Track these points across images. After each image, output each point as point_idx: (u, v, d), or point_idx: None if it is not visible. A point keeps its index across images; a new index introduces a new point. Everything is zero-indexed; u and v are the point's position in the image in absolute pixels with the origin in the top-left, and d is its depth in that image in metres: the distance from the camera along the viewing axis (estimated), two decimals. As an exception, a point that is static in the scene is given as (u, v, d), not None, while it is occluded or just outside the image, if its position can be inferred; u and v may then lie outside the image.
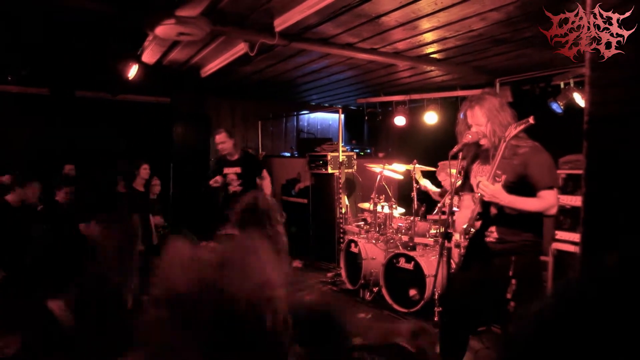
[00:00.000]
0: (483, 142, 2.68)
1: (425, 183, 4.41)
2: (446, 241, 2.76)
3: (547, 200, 2.42)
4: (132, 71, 5.27)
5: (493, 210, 2.60)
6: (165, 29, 4.13)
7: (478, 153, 2.81)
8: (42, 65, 6.13)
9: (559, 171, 4.07)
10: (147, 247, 5.11)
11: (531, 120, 2.40)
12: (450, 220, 2.77)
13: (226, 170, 5.25)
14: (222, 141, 5.23)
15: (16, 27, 4.64)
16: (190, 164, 7.30)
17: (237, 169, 5.19)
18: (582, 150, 1.85)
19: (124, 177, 5.36)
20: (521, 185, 2.49)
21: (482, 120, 2.65)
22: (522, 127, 2.43)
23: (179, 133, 7.46)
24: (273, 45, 4.50)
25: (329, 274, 6.00)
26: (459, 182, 2.98)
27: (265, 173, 5.35)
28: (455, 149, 2.73)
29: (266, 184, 5.29)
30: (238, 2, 3.82)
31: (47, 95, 6.76)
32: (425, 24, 4.18)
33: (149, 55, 5.20)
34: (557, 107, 5.50)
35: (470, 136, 2.68)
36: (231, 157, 5.29)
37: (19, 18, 4.37)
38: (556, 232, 4.17)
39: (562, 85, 5.55)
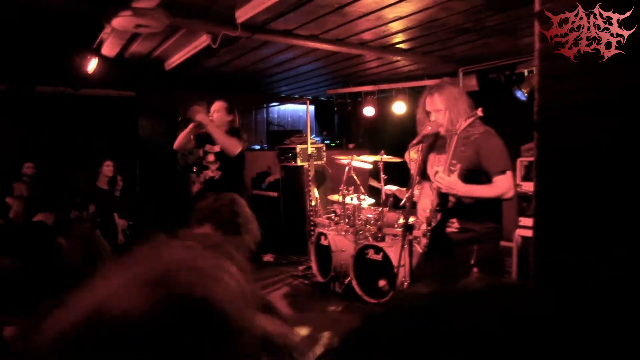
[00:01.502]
0: (441, 130, 2.69)
1: (390, 187, 4.44)
2: (407, 233, 2.77)
3: (502, 186, 2.45)
4: (92, 65, 5.12)
5: (452, 201, 2.61)
6: (122, 21, 4.00)
7: (435, 142, 2.82)
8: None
9: (521, 159, 4.13)
10: (112, 247, 4.99)
11: (479, 112, 2.42)
12: (409, 212, 2.77)
13: (207, 147, 4.42)
14: (216, 110, 4.39)
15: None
16: (157, 160, 7.15)
17: (217, 148, 4.32)
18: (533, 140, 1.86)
19: (86, 175, 5.20)
20: (476, 172, 2.51)
21: (440, 106, 2.66)
22: (470, 119, 2.45)
23: (145, 128, 7.30)
24: (236, 37, 4.41)
25: (300, 267, 5.98)
26: (419, 171, 2.99)
27: (234, 140, 4.30)
28: (415, 141, 2.73)
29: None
30: (196, -7, 3.73)
31: (5, 91, 6.53)
32: (389, 14, 4.15)
33: (109, 48, 5.05)
34: (521, 94, 5.56)
35: (429, 127, 2.69)
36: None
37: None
38: (519, 218, 4.23)
39: (525, 73, 5.61)
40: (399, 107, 6.80)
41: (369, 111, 7.14)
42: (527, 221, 4.16)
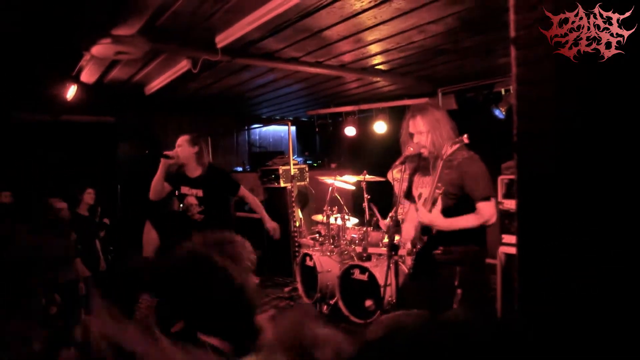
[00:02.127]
0: (423, 151, 2.73)
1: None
2: (393, 253, 2.78)
3: (485, 213, 2.49)
4: (71, 92, 5.09)
5: (434, 230, 2.64)
6: (101, 49, 4.00)
7: (419, 164, 2.86)
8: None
9: (501, 177, 4.20)
10: (94, 274, 4.90)
11: (465, 139, 2.47)
12: (393, 232, 2.79)
13: (184, 189, 4.10)
14: (179, 145, 4.08)
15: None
16: (138, 185, 7.06)
17: (199, 192, 4.01)
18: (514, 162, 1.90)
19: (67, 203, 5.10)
20: (460, 196, 2.54)
21: (422, 129, 2.70)
22: (456, 146, 2.50)
23: (125, 153, 7.23)
24: (216, 61, 4.44)
25: (286, 289, 5.94)
26: (404, 192, 3.02)
27: (244, 191, 4.23)
28: (397, 162, 2.77)
29: (255, 204, 4.35)
30: (177, 20, 3.74)
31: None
32: (367, 36, 4.23)
33: (88, 75, 5.03)
34: (499, 112, 5.69)
35: (411, 149, 2.72)
36: (191, 173, 4.08)
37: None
38: (503, 235, 4.28)
39: (503, 92, 5.74)
40: (379, 127, 6.87)
41: (350, 131, 7.20)
42: (510, 238, 4.22)
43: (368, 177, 5.17)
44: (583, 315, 1.75)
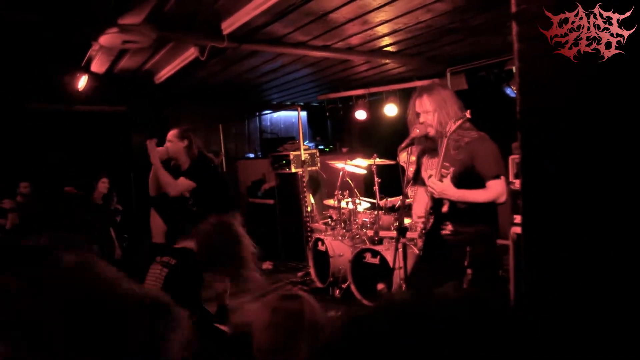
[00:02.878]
0: (430, 131, 2.70)
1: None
2: (401, 236, 2.78)
3: (495, 190, 2.47)
4: (82, 82, 5.14)
5: (445, 204, 2.62)
6: (109, 38, 4.03)
7: (427, 145, 2.83)
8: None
9: (512, 156, 4.15)
10: (110, 262, 4.98)
11: (467, 114, 2.44)
12: (402, 215, 2.79)
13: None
14: (169, 140, 4.04)
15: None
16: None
17: (192, 183, 3.96)
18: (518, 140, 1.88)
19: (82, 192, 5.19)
20: (469, 176, 2.52)
21: (429, 108, 2.67)
22: (459, 122, 2.47)
23: (138, 141, 7.30)
24: (223, 48, 4.43)
25: (299, 274, 5.99)
26: (412, 175, 3.00)
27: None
28: (404, 144, 2.75)
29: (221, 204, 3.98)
30: (182, 7, 3.74)
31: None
32: (374, 17, 4.18)
33: (98, 65, 5.07)
34: (510, 91, 5.61)
35: (417, 130, 2.70)
36: (183, 166, 4.05)
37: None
38: (515, 216, 4.23)
39: (514, 70, 5.65)
40: (390, 110, 6.82)
41: (360, 115, 7.16)
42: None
43: (378, 161, 5.15)
44: (589, 298, 1.74)
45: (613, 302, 1.54)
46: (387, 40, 4.96)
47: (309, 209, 6.33)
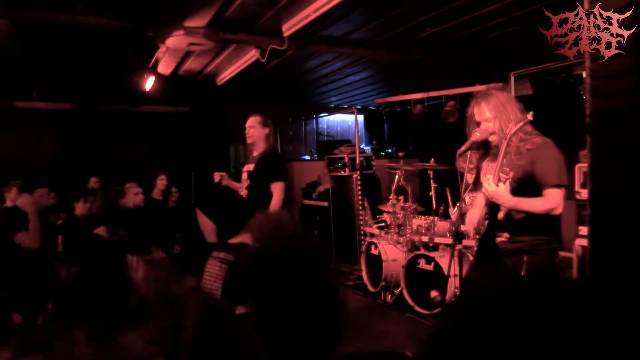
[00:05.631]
0: (492, 138, 2.60)
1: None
2: (457, 242, 2.70)
3: (552, 200, 2.32)
4: (149, 83, 5.38)
5: (502, 210, 2.52)
6: (175, 40, 4.20)
7: (488, 150, 2.73)
8: (65, 82, 6.32)
9: (579, 165, 3.94)
10: (169, 256, 5.17)
11: (529, 116, 2.33)
12: (459, 221, 2.70)
13: (245, 167, 4.27)
14: (251, 126, 4.15)
15: (37, 46, 4.80)
16: (211, 173, 7.37)
17: (250, 167, 4.12)
18: (586, 146, 1.78)
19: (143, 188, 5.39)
20: (529, 182, 2.41)
21: (489, 116, 2.57)
22: (521, 124, 2.35)
23: (200, 141, 7.55)
24: (284, 50, 4.50)
25: (352, 277, 5.96)
26: (472, 180, 2.91)
27: (278, 186, 3.97)
28: (463, 148, 2.67)
29: (273, 203, 3.92)
30: (244, 10, 3.85)
31: (71, 109, 7.00)
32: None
33: (164, 67, 5.29)
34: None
35: (478, 134, 2.61)
36: (256, 152, 4.17)
37: (40, 38, 4.52)
38: (579, 227, 4.03)
39: (584, 75, 5.37)
40: (449, 114, 6.66)
41: (419, 119, 7.05)
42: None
43: (435, 166, 5.05)
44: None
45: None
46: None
47: (363, 212, 6.30)
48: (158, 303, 0.89)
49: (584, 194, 3.89)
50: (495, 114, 2.53)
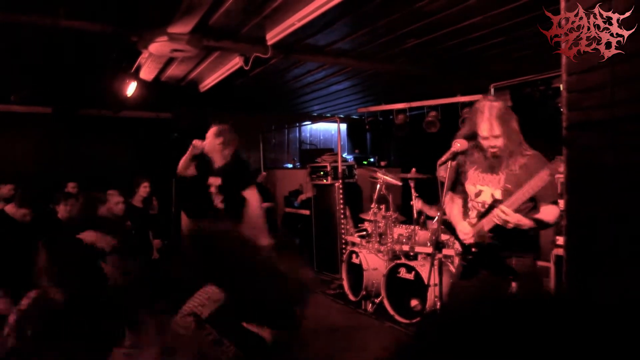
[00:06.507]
0: (494, 151, 2.57)
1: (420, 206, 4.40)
2: (437, 252, 2.72)
3: (550, 214, 2.36)
4: (131, 88, 5.32)
5: (507, 227, 2.54)
6: (158, 46, 4.17)
7: (476, 159, 2.71)
8: (44, 85, 6.23)
9: (557, 175, 4.01)
10: (147, 263, 5.11)
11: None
12: (439, 230, 2.73)
13: (210, 179, 4.08)
14: (207, 137, 4.09)
15: (18, 50, 4.73)
16: (192, 179, 7.31)
17: (217, 180, 3.99)
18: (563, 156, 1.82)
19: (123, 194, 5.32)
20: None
21: (498, 132, 2.54)
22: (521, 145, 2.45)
23: (181, 148, 7.47)
24: (267, 58, 4.52)
25: (332, 286, 5.95)
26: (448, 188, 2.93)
27: (251, 192, 3.90)
28: (443, 158, 2.68)
29: (252, 209, 3.84)
30: (228, 18, 3.85)
31: (50, 113, 6.89)
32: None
33: (146, 72, 5.25)
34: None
35: (458, 144, 2.64)
36: (217, 163, 4.02)
37: (20, 41, 4.45)
38: (556, 237, 4.09)
39: (561, 88, 5.49)
40: (431, 125, 6.74)
41: (401, 129, 7.11)
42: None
43: (416, 175, 5.10)
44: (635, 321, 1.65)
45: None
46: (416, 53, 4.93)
47: (344, 221, 6.31)
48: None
49: (562, 204, 3.96)
50: (504, 129, 2.52)
